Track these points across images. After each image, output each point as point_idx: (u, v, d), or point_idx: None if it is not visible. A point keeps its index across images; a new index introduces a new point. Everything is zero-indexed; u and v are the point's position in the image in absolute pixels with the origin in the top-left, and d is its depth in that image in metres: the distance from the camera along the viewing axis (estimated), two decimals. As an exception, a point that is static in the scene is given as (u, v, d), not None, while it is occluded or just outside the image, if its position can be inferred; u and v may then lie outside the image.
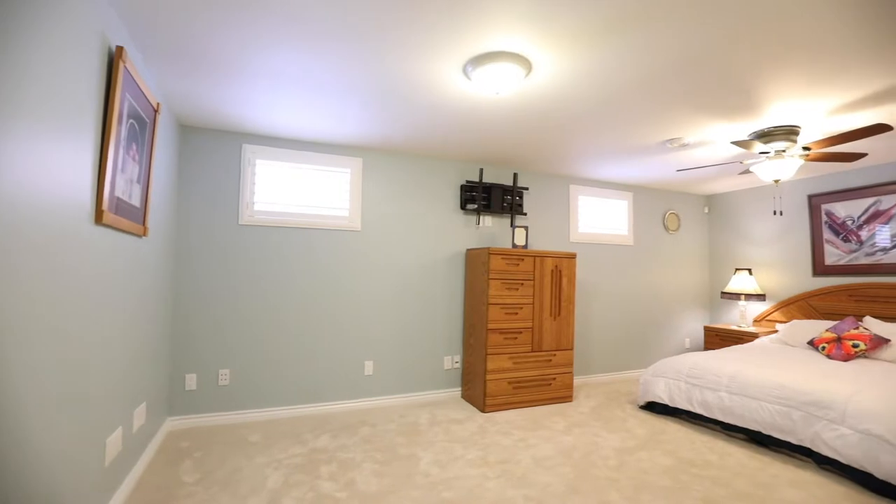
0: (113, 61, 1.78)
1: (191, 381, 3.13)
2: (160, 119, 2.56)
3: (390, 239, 3.76)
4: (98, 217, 1.70)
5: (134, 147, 2.06)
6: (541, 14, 1.76)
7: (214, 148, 3.22)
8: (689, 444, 2.93)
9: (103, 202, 1.71)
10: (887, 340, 3.35)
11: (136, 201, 2.14)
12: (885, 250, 3.83)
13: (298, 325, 3.43)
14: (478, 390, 3.65)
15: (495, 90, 2.29)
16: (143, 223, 2.28)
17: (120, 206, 1.93)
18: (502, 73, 2.15)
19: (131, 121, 2.00)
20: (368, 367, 3.65)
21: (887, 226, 3.83)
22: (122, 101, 1.86)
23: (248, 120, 3.01)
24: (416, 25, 1.85)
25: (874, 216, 3.91)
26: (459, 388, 3.99)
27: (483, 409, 3.54)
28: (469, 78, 2.30)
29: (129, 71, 1.88)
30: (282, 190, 3.39)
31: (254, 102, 2.72)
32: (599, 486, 2.33)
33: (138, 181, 2.16)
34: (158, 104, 2.34)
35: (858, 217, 4.02)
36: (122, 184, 1.94)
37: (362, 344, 3.64)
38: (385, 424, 3.23)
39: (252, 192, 3.28)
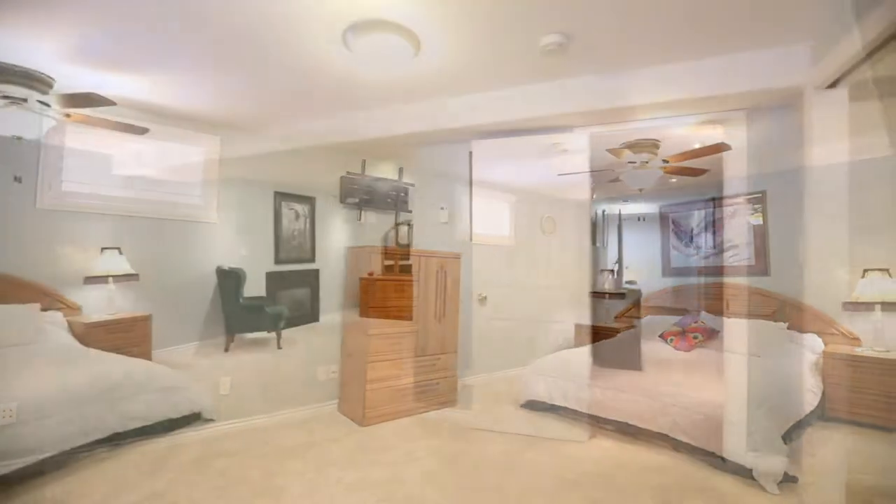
0: None
1: (-50, 422, 2.24)
2: None
3: (255, 233, 3.23)
4: None
5: None
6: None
7: (-1, 104, 2.38)
8: (568, 440, 3.00)
9: None
10: (717, 332, 3.88)
11: None
12: (715, 255, 4.49)
13: (128, 339, 2.73)
14: (357, 402, 3.31)
15: (381, 66, 2.03)
16: None
17: None
18: (387, 46, 1.90)
19: None
20: (225, 384, 3.07)
21: (714, 234, 4.50)
22: None
23: (46, 66, 2.26)
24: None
25: (707, 226, 4.57)
26: (336, 402, 3.61)
27: (363, 422, 3.22)
28: (350, 49, 1.99)
29: None
30: (104, 166, 2.65)
31: (49, 37, 2.01)
32: (486, 499, 2.21)
33: None
34: None
35: (696, 226, 4.65)
36: None
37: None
38: (245, 453, 2.72)
39: (59, 166, 2.50)
